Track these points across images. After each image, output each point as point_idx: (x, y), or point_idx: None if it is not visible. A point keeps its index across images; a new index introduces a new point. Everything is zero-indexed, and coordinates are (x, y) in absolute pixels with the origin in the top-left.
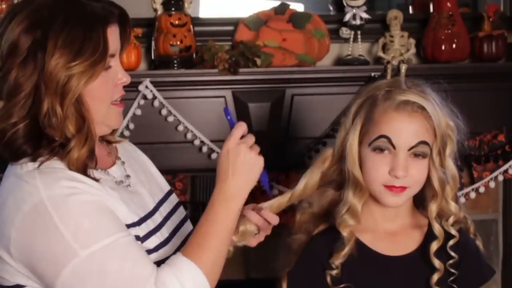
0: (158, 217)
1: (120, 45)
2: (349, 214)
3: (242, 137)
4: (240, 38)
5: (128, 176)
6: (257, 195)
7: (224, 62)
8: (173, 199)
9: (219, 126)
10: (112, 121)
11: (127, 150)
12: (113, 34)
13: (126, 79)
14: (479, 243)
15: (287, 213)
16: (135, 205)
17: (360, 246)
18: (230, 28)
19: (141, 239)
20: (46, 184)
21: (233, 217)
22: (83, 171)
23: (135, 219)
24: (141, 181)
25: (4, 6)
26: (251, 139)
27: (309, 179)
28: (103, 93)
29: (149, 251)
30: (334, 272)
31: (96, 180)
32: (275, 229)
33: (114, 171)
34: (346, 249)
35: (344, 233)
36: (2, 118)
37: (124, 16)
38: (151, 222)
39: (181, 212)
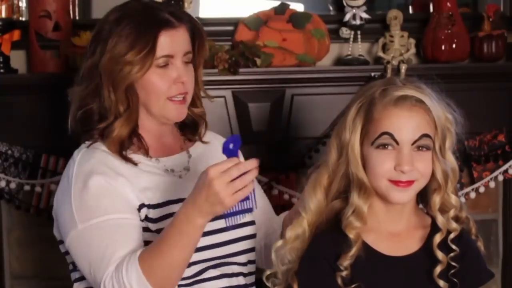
0: None
1: (192, 50)
2: (354, 216)
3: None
4: (240, 38)
5: (187, 169)
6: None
7: (224, 62)
8: None
9: (219, 126)
10: (169, 114)
11: (213, 146)
12: (170, 37)
13: (184, 79)
14: (480, 244)
15: None
16: (172, 189)
17: (363, 246)
18: (230, 28)
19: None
20: (80, 161)
21: (189, 234)
22: (119, 151)
23: (160, 200)
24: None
25: (4, 6)
26: (234, 172)
27: (315, 202)
28: (155, 87)
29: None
30: (344, 274)
31: (133, 162)
32: None
33: (170, 159)
34: (353, 251)
35: (351, 235)
36: (84, 99)
37: (192, 23)
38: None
39: None
